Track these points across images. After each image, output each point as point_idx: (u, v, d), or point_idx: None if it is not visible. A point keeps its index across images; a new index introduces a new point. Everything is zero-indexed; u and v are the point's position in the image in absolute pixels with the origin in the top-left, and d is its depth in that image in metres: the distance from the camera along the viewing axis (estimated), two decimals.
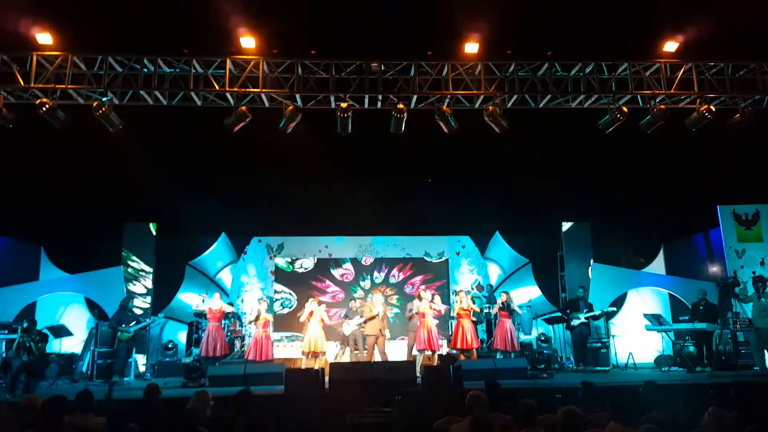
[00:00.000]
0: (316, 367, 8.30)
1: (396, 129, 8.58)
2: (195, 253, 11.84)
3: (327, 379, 7.41)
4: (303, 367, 8.68)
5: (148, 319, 9.55)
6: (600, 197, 11.17)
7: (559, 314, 10.70)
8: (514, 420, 4.43)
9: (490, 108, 8.50)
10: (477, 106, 8.89)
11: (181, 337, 11.19)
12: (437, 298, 9.05)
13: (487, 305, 11.04)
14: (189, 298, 11.54)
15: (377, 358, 9.06)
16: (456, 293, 9.46)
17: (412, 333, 9.58)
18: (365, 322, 8.86)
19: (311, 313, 8.88)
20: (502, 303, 9.40)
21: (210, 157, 10.43)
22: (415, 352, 9.11)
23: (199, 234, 11.57)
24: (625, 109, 8.55)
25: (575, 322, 9.72)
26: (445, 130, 8.65)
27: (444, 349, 10.20)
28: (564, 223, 11.74)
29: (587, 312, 9.70)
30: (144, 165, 10.11)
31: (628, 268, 11.55)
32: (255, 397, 5.16)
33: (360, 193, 11.25)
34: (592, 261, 11.39)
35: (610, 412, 4.25)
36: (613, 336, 10.31)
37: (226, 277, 12.38)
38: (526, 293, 11.84)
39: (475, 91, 8.68)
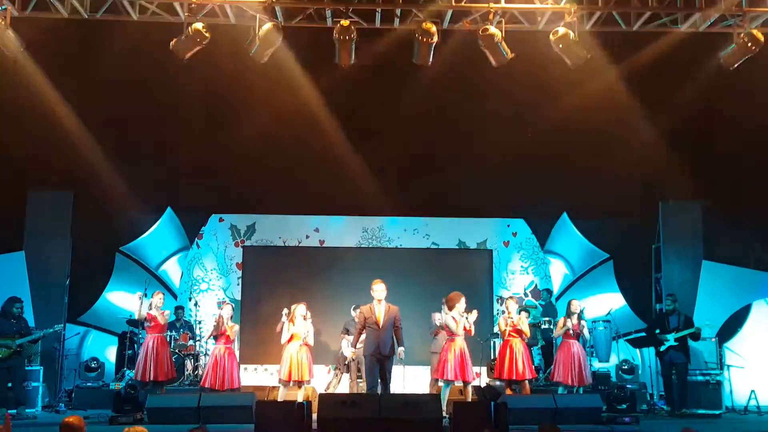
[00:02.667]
0: (300, 400, 8.38)
1: (421, 59, 8.51)
2: (128, 236, 11.94)
3: (315, 416, 7.51)
4: (281, 399, 8.80)
5: (53, 327, 9.59)
6: (719, 168, 11.09)
7: (645, 334, 10.72)
8: None
9: (561, 31, 8.39)
10: (541, 27, 8.80)
11: (109, 353, 11.36)
12: (473, 314, 9.02)
13: (545, 319, 11.08)
14: (120, 298, 11.67)
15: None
16: (502, 301, 9.50)
17: (437, 356, 9.65)
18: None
19: (291, 320, 8.97)
20: (570, 316, 9.41)
21: (150, 99, 10.46)
22: (440, 383, 9.18)
23: (134, 209, 11.65)
24: (759, 34, 8.38)
25: (663, 347, 9.73)
26: (493, 62, 8.57)
27: (482, 380, 10.28)
28: (663, 203, 11.67)
29: (680, 330, 9.68)
30: (56, 109, 10.20)
31: (756, 270, 11.48)
32: None
33: (366, 154, 11.28)
34: (702, 258, 11.36)
35: None
36: (728, 366, 10.29)
37: (172, 270, 12.49)
38: (604, 303, 11.84)
39: (538, 5, 8.58)
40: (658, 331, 9.91)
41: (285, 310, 9.16)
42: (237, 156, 11.30)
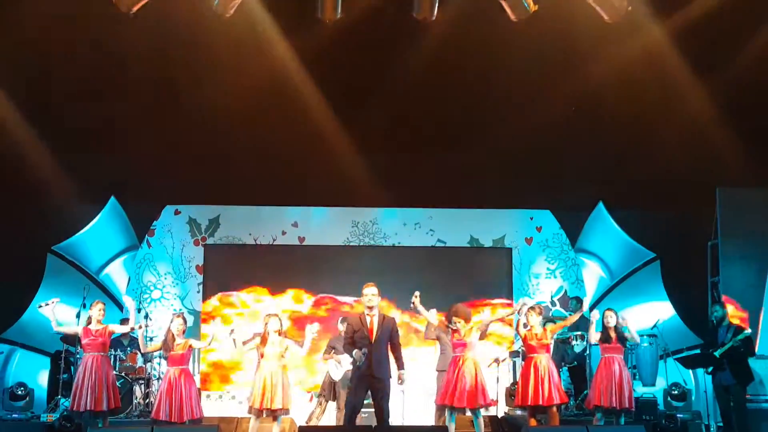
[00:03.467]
0: None
1: (422, 12, 8.50)
2: (62, 232, 11.92)
3: None
4: None
5: None
6: None
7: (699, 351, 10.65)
8: None
9: None
10: None
11: (41, 378, 11.36)
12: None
13: (576, 334, 11.10)
14: (53, 309, 11.62)
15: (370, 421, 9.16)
16: (526, 310, 9.45)
17: (443, 375, 9.66)
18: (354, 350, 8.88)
19: (264, 339, 8.97)
20: (609, 326, 9.42)
21: (88, 66, 10.41)
22: (446, 412, 9.20)
23: (69, 198, 11.64)
24: None
25: (710, 368, 9.69)
26: (512, 16, 8.57)
27: (500, 409, 10.31)
28: (721, 191, 11.71)
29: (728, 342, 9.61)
30: None
31: None
32: None
33: (356, 131, 11.28)
34: None
35: None
36: None
37: (117, 274, 12.50)
38: (650, 313, 11.87)
39: None
40: (710, 350, 9.89)
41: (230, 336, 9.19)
42: (197, 134, 11.27)
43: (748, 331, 9.69)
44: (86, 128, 11.08)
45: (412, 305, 8.81)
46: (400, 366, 8.25)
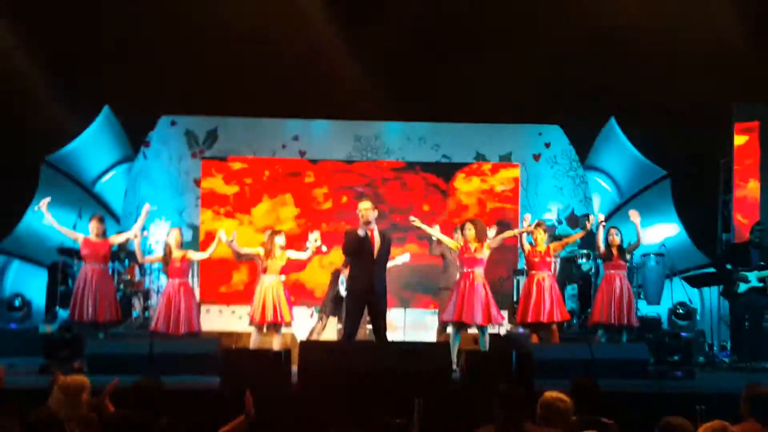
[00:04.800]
0: (276, 348, 8.50)
1: None
2: (55, 144, 11.88)
3: (295, 368, 7.66)
4: (252, 346, 8.90)
5: None
6: None
7: (713, 270, 10.77)
8: None
9: None
10: None
11: (37, 289, 11.42)
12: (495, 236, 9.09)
13: (583, 252, 11.17)
14: (46, 209, 11.67)
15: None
16: (534, 226, 9.47)
17: (447, 292, 9.77)
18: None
19: (267, 252, 9.03)
20: (609, 243, 9.49)
21: None
22: (449, 328, 9.34)
23: (61, 108, 11.55)
24: None
25: (741, 287, 9.84)
26: None
27: (503, 326, 10.46)
28: (737, 106, 11.57)
29: (763, 268, 9.80)
30: None
31: None
32: (167, 392, 5.35)
33: (359, 39, 11.12)
34: None
35: None
36: None
37: (113, 186, 12.49)
38: (657, 232, 11.91)
39: None
40: (729, 266, 9.99)
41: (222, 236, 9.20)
42: (195, 43, 11.14)
43: None
44: (80, 37, 10.94)
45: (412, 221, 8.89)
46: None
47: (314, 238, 8.89)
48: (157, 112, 12.52)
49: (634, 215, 9.53)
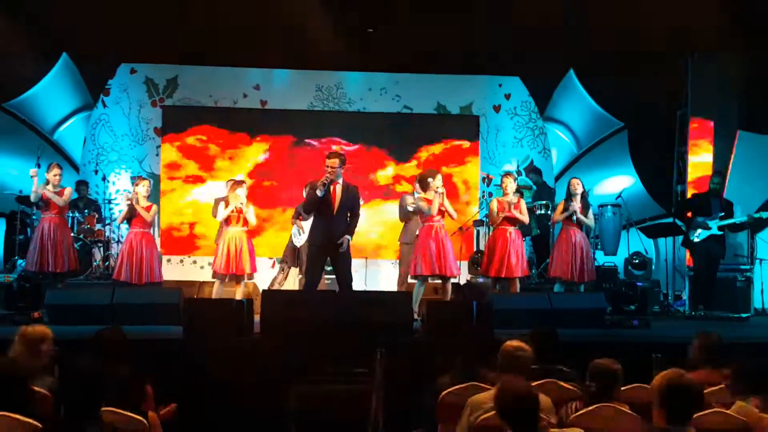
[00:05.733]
0: (239, 297, 8.47)
1: None
2: (12, 91, 11.65)
3: (257, 318, 7.66)
4: (215, 296, 8.87)
5: None
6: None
7: (670, 220, 10.89)
8: (580, 391, 4.68)
9: None
10: None
11: None
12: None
13: (541, 203, 11.22)
14: (6, 168, 11.52)
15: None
16: (489, 181, 9.54)
17: (407, 246, 9.77)
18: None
19: (228, 204, 8.95)
20: (571, 199, 9.53)
21: None
22: (411, 279, 9.37)
23: (17, 54, 11.23)
24: None
25: (701, 234, 9.95)
26: None
27: (462, 277, 10.53)
28: (691, 58, 11.61)
29: (724, 218, 9.93)
30: None
31: None
32: (129, 342, 5.33)
33: None
34: (737, 128, 11.45)
35: (741, 383, 4.49)
36: (761, 261, 10.59)
37: (72, 134, 12.30)
38: (614, 183, 12.02)
39: None
40: (690, 215, 10.06)
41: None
42: None
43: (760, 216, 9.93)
44: None
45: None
46: (348, 232, 8.34)
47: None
48: (116, 58, 12.27)
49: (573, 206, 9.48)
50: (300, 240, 9.99)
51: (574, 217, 9.38)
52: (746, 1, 10.78)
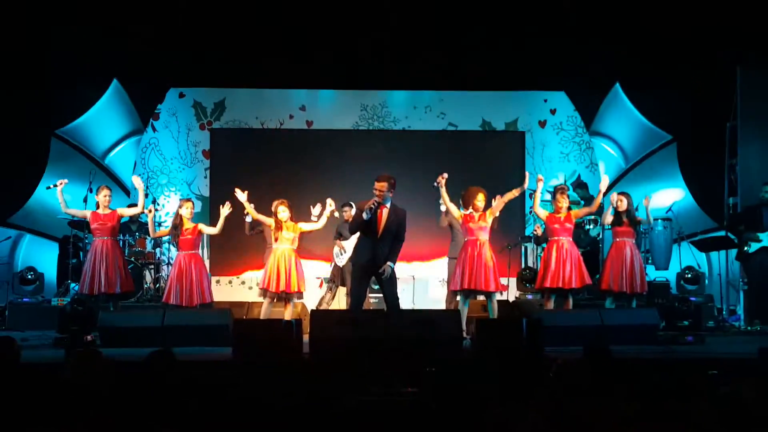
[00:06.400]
0: (287, 318, 8.47)
1: None
2: (65, 116, 11.80)
3: (306, 337, 7.63)
4: (263, 316, 8.88)
5: None
6: None
7: (722, 234, 10.71)
8: (636, 410, 4.56)
9: None
10: None
11: (49, 262, 11.43)
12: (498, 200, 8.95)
13: (590, 218, 11.09)
14: (61, 191, 11.59)
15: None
16: (554, 193, 9.41)
17: (455, 262, 9.72)
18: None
19: (279, 224, 8.95)
20: (620, 210, 9.37)
21: None
22: (458, 296, 9.29)
23: (69, 82, 11.43)
24: None
25: (753, 247, 9.75)
26: None
27: (511, 294, 10.41)
28: (741, 69, 11.38)
29: None
30: None
31: None
32: (180, 363, 5.32)
33: (363, 7, 10.98)
34: None
35: None
36: None
37: (123, 159, 12.43)
38: (664, 197, 11.81)
39: None
40: (742, 228, 9.90)
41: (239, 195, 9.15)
42: (201, 13, 11.03)
43: None
44: (89, 8, 10.83)
45: (437, 184, 8.79)
46: (391, 259, 8.22)
47: (330, 205, 8.96)
48: (165, 84, 12.44)
49: (646, 201, 9.39)
50: (342, 260, 10.00)
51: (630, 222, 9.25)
52: None
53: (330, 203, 8.97)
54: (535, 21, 11.12)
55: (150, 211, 9.40)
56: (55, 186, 9.26)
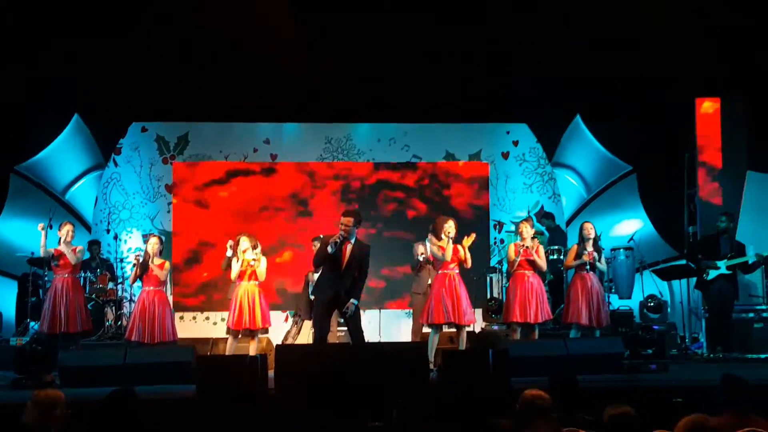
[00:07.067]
0: (252, 353, 8.38)
1: None
2: (25, 152, 11.70)
3: (272, 372, 7.56)
4: (228, 352, 8.80)
5: None
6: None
7: (683, 262, 10.80)
8: None
9: None
10: None
11: (7, 301, 11.26)
12: (470, 238, 8.96)
13: (554, 248, 11.15)
14: (17, 231, 11.45)
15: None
16: (499, 227, 9.49)
17: (419, 297, 9.67)
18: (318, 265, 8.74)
19: (242, 257, 8.89)
20: (583, 243, 9.43)
21: None
22: (426, 329, 9.25)
23: (30, 115, 11.36)
24: None
25: (712, 274, 9.86)
26: None
27: (477, 325, 10.39)
28: (697, 101, 11.59)
29: (733, 257, 9.85)
30: None
31: None
32: (141, 401, 5.23)
33: (325, 39, 11.02)
34: (747, 168, 11.38)
35: None
36: None
37: (84, 194, 12.33)
38: (626, 227, 11.94)
39: None
40: (701, 256, 10.01)
41: (230, 242, 9.08)
42: (163, 48, 10.92)
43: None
44: (48, 44, 10.75)
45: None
46: (354, 295, 8.16)
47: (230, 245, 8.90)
48: (127, 118, 12.40)
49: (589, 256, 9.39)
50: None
51: (587, 266, 9.32)
52: (744, 51, 10.84)
53: (230, 243, 8.91)
54: (496, 55, 11.20)
55: (41, 227, 9.15)
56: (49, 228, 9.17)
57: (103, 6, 10.36)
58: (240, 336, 8.87)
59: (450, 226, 8.69)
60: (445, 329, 9.21)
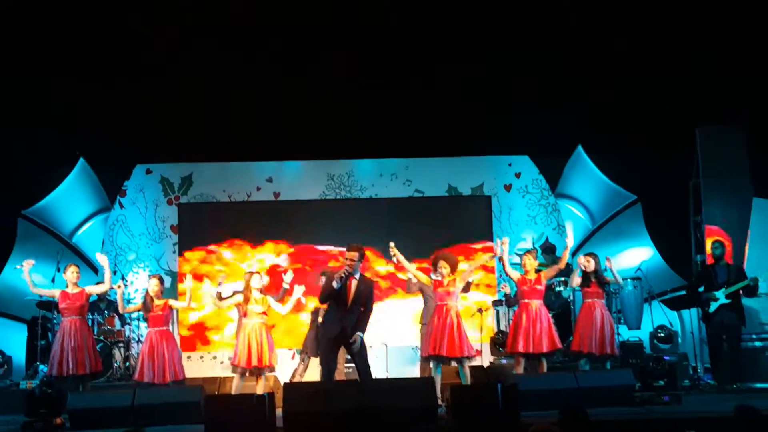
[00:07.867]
0: (260, 392, 8.32)
1: None
2: (32, 197, 11.76)
3: (280, 411, 7.53)
4: (235, 392, 8.75)
5: None
6: None
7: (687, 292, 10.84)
8: None
9: None
10: None
11: (17, 344, 11.26)
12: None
13: (560, 280, 11.13)
14: (28, 271, 11.46)
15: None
16: (521, 256, 9.43)
17: (428, 328, 9.65)
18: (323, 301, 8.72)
19: (246, 297, 8.90)
20: (587, 271, 9.38)
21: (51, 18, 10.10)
22: (423, 361, 9.20)
23: (36, 161, 11.46)
24: None
25: (713, 306, 9.84)
26: None
27: (486, 358, 10.35)
28: (700, 131, 11.63)
29: (731, 284, 9.78)
30: None
31: None
32: None
33: (324, 76, 11.11)
34: (753, 195, 11.38)
35: None
36: None
37: (90, 237, 12.37)
38: (632, 256, 11.90)
39: None
40: (702, 288, 9.97)
41: (217, 288, 9.14)
42: (165, 92, 11.08)
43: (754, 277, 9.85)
44: (51, 89, 10.85)
45: (393, 257, 8.80)
46: (360, 328, 8.15)
47: (299, 293, 8.80)
48: (132, 161, 12.47)
49: (608, 262, 9.38)
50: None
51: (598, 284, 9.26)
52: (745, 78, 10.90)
53: (298, 292, 8.86)
54: (496, 88, 11.26)
55: (119, 287, 9.30)
56: (21, 267, 9.14)
57: (105, 52, 10.50)
58: (246, 375, 8.84)
59: (442, 266, 8.68)
60: (452, 364, 9.15)
